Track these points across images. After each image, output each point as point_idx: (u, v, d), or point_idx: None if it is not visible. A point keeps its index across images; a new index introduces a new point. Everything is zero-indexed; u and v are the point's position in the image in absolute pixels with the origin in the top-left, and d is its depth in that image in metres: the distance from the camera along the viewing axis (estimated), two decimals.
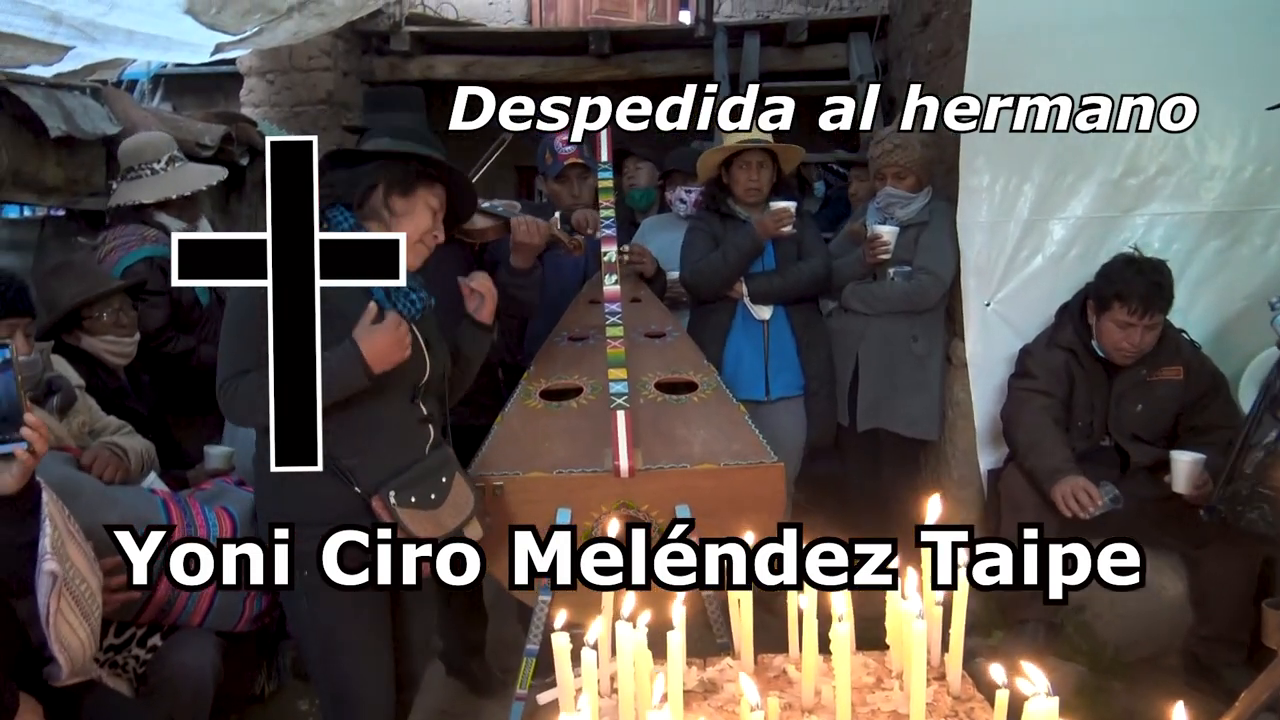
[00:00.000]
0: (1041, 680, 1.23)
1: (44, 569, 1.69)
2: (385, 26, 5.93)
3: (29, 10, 2.87)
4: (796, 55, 5.82)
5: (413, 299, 2.09)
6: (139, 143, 3.43)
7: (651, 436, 2.48)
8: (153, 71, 6.27)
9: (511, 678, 2.48)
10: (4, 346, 1.65)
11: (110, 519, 2.07)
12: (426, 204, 2.13)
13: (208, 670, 2.22)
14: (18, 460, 1.63)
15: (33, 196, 3.84)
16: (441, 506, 2.08)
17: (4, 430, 1.62)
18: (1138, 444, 3.13)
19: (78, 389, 2.55)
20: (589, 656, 1.45)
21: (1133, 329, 2.98)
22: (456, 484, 2.14)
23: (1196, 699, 2.68)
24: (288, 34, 3.70)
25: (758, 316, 3.42)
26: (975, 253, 3.40)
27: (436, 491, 2.08)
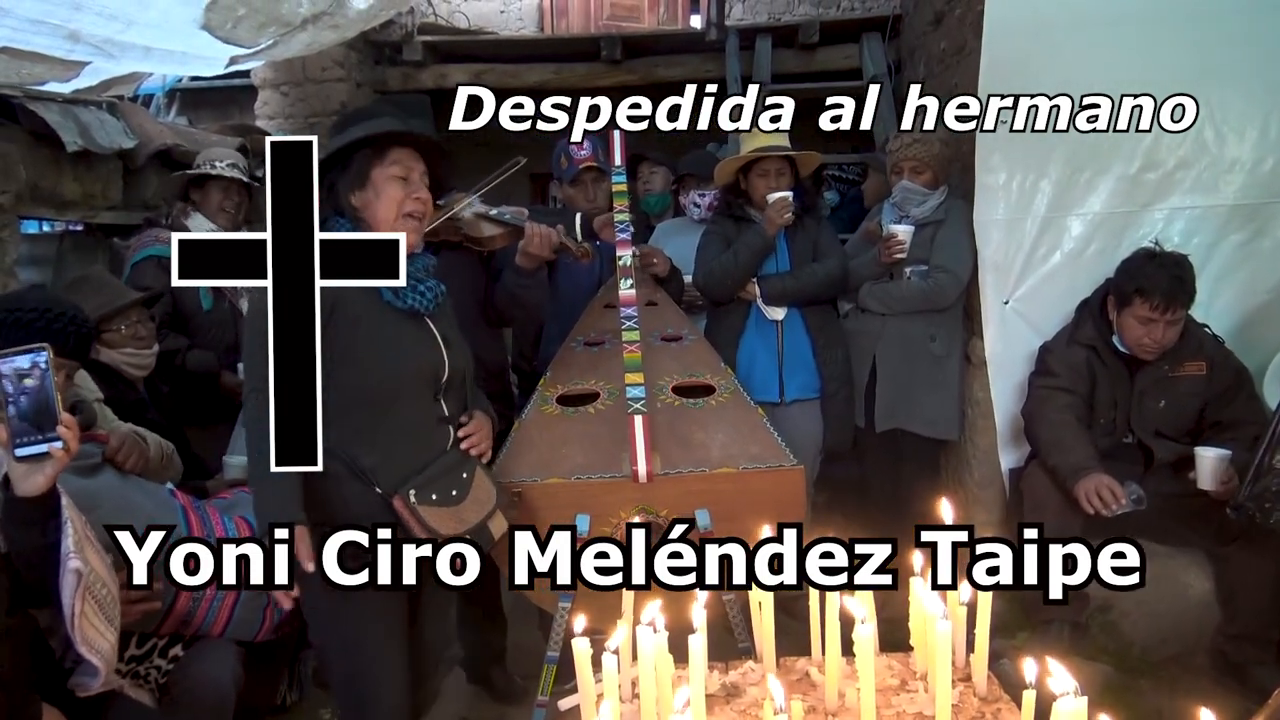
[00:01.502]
0: (1069, 680, 1.21)
1: (69, 567, 1.71)
2: (397, 36, 5.95)
3: (48, 29, 2.89)
4: (809, 57, 5.80)
5: (422, 290, 2.07)
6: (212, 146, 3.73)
7: (669, 441, 2.47)
8: (168, 86, 6.32)
9: (533, 685, 2.48)
10: (42, 350, 1.68)
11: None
12: (387, 177, 2.07)
13: (229, 680, 2.23)
14: (53, 458, 1.67)
15: (51, 211, 3.88)
16: (463, 503, 2.08)
17: (42, 429, 1.66)
18: (1161, 440, 3.10)
19: (96, 402, 2.56)
20: (610, 662, 1.44)
21: (1155, 324, 2.95)
22: (478, 479, 2.14)
23: (1226, 697, 2.66)
24: (302, 45, 3.71)
25: (771, 318, 3.41)
26: (992, 250, 3.38)
27: (458, 488, 2.08)
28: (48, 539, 1.72)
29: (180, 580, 1.89)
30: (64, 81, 3.58)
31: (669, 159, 4.24)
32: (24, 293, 2.34)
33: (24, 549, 1.73)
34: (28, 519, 1.71)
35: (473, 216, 2.75)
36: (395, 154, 2.09)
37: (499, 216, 2.75)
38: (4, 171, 3.55)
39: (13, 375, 1.66)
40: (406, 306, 2.04)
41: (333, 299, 1.91)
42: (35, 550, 1.72)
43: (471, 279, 2.84)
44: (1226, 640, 2.97)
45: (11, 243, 3.64)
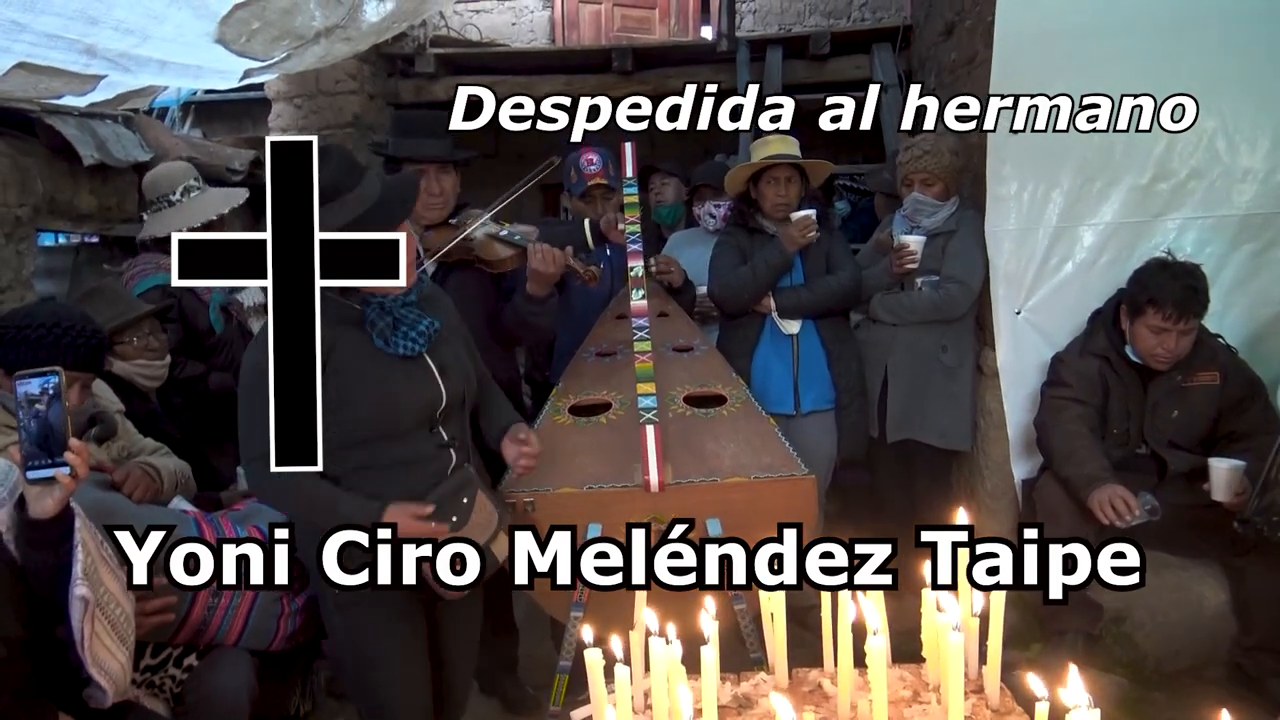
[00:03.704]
0: (1082, 692, 1.21)
1: (75, 594, 1.72)
2: (410, 49, 5.99)
3: (65, 44, 2.92)
4: (819, 67, 5.81)
5: (413, 336, 2.03)
6: (156, 176, 3.45)
7: (681, 451, 2.48)
8: (183, 99, 6.36)
9: (545, 695, 2.48)
10: (53, 375, 1.69)
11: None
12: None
13: (243, 690, 2.23)
14: (59, 484, 1.68)
15: (67, 224, 3.92)
16: (465, 528, 2.07)
17: (49, 454, 1.67)
18: (1175, 451, 3.08)
19: (118, 414, 2.58)
20: (622, 673, 1.44)
21: (1168, 334, 2.94)
22: (479, 504, 2.13)
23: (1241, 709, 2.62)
24: (315, 58, 3.74)
25: (786, 331, 3.40)
26: (1004, 261, 3.37)
27: (458, 514, 2.07)
28: (60, 560, 1.73)
29: (180, 581, 1.89)
30: (80, 95, 3.61)
31: (681, 170, 4.25)
32: (33, 308, 2.34)
33: (37, 568, 1.75)
34: (40, 540, 1.72)
35: (485, 237, 2.75)
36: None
37: (510, 238, 2.74)
38: (22, 184, 3.59)
39: (24, 399, 1.67)
40: (398, 355, 2.02)
41: (326, 348, 1.89)
42: (48, 569, 1.74)
43: (481, 296, 2.83)
44: (1243, 652, 2.95)
45: (29, 255, 3.67)
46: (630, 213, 2.98)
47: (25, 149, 3.64)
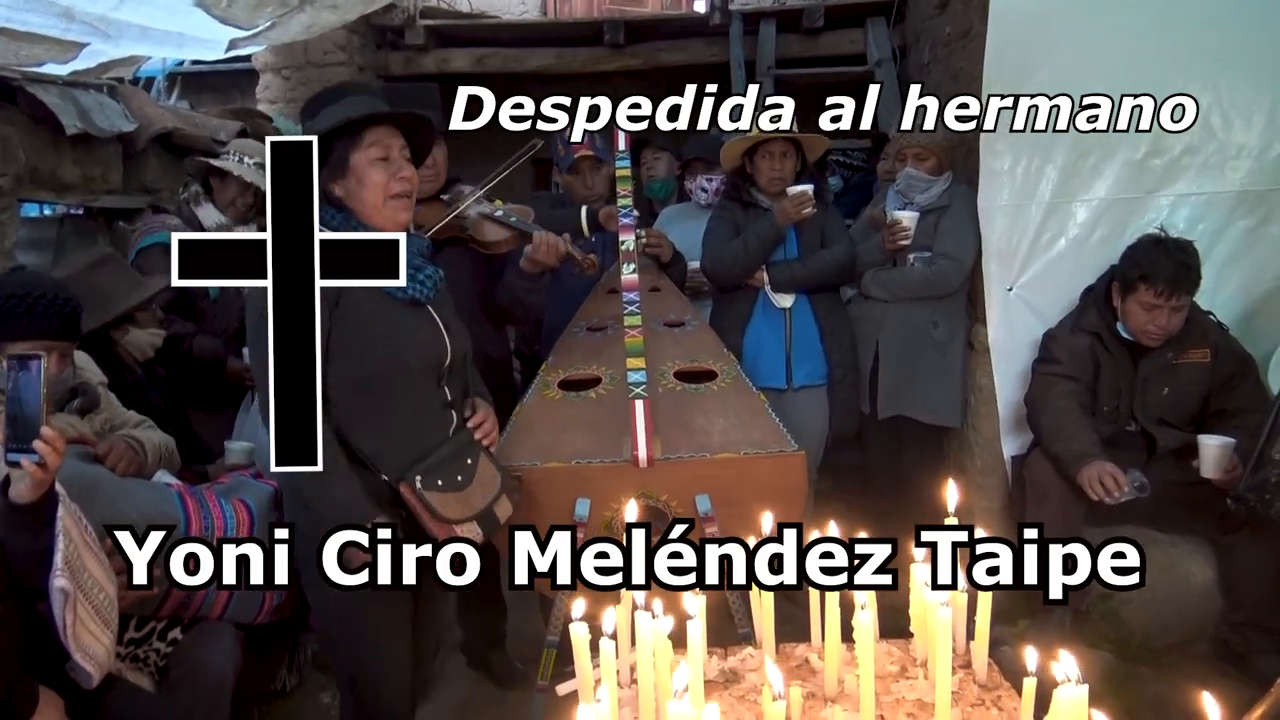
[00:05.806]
0: (1071, 667, 1.20)
1: (54, 586, 1.70)
2: (399, 20, 5.91)
3: (42, 7, 2.87)
4: (813, 41, 5.77)
5: (422, 280, 2.05)
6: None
7: (671, 426, 2.46)
8: (169, 69, 6.29)
9: (533, 669, 2.48)
10: (37, 358, 1.67)
11: (128, 512, 2.09)
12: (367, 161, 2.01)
13: (228, 663, 2.22)
14: (27, 472, 1.65)
15: (50, 195, 3.87)
16: (469, 487, 2.08)
17: (20, 440, 1.64)
18: (1164, 428, 3.08)
19: (100, 386, 2.55)
20: (608, 647, 1.43)
21: (1159, 311, 2.93)
22: (482, 464, 2.14)
23: (1228, 685, 2.65)
24: (301, 28, 3.68)
25: (779, 305, 3.40)
26: (997, 236, 3.36)
27: (463, 473, 2.08)
28: (40, 544, 1.71)
29: (181, 581, 1.88)
30: (62, 64, 3.56)
31: (672, 144, 4.22)
32: (4, 277, 2.31)
33: (18, 551, 1.73)
34: (19, 523, 1.70)
35: (478, 217, 2.72)
36: (371, 135, 2.02)
37: (505, 219, 2.72)
38: (3, 154, 3.54)
39: (8, 380, 1.65)
40: (408, 297, 2.03)
41: (335, 292, 1.91)
42: (29, 553, 1.72)
43: (471, 274, 2.81)
44: (1230, 628, 2.97)
45: (11, 226, 3.63)
46: (622, 186, 2.95)
47: (6, 118, 3.58)
